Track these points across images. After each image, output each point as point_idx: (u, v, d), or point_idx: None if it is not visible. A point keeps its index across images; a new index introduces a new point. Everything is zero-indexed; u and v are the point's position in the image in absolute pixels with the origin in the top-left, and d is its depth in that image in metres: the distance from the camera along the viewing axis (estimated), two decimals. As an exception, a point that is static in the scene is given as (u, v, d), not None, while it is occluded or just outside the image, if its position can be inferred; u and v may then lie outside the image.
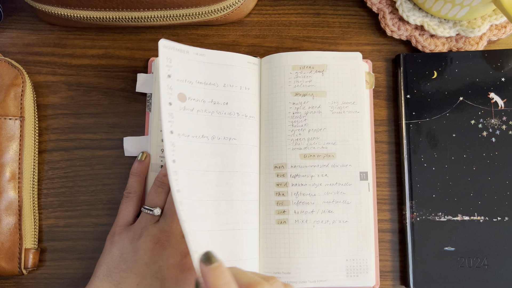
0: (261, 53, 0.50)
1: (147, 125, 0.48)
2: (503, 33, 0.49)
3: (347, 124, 0.47)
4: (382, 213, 0.47)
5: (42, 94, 0.49)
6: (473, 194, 0.46)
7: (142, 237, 0.42)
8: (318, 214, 0.45)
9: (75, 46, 0.50)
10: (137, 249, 0.41)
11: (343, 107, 0.47)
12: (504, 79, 0.47)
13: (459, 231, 0.45)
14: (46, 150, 0.49)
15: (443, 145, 0.47)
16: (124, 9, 0.45)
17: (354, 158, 0.46)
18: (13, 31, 0.50)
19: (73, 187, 0.48)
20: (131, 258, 0.41)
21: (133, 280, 0.40)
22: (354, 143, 0.46)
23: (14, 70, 0.46)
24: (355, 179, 0.46)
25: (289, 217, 0.45)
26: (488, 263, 0.45)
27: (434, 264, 0.45)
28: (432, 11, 0.48)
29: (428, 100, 0.48)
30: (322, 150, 0.46)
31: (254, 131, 0.47)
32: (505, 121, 0.47)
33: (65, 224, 0.47)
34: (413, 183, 0.46)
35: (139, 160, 0.46)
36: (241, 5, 0.47)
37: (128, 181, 0.46)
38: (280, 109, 0.47)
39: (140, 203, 0.46)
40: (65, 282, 0.47)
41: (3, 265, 0.44)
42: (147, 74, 0.49)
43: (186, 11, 0.45)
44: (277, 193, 0.46)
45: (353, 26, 0.51)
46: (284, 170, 0.46)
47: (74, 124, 0.49)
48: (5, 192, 0.44)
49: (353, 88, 0.47)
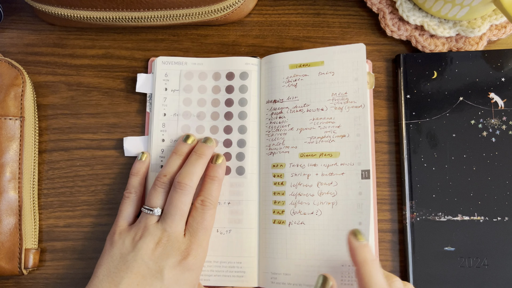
0: (261, 53, 0.50)
1: (147, 125, 0.48)
2: (503, 33, 0.49)
3: (348, 120, 0.45)
4: (382, 213, 0.47)
5: (42, 94, 0.49)
6: (473, 194, 0.46)
7: (142, 237, 0.42)
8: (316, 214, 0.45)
9: (75, 46, 0.50)
10: (137, 249, 0.41)
11: (344, 103, 0.45)
12: (504, 79, 0.47)
13: (459, 231, 0.45)
14: (46, 150, 0.49)
15: (443, 145, 0.47)
16: (124, 9, 0.45)
17: (355, 156, 0.44)
18: (13, 31, 0.50)
19: (73, 187, 0.48)
20: (131, 258, 0.41)
21: (133, 280, 0.40)
22: (355, 139, 0.45)
23: (14, 70, 0.46)
24: (357, 178, 0.44)
25: (287, 217, 0.45)
26: (488, 263, 0.45)
27: (434, 264, 0.45)
28: (432, 11, 0.48)
29: (428, 100, 0.48)
30: (320, 149, 0.46)
31: (253, 133, 0.47)
32: (505, 121, 0.47)
33: (65, 224, 0.47)
34: (413, 183, 0.46)
35: (139, 160, 0.46)
36: (241, 5, 0.47)
37: (128, 181, 0.46)
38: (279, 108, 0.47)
39: (140, 203, 0.46)
40: (65, 282, 0.47)
41: (3, 265, 0.44)
42: (147, 74, 0.49)
43: (186, 11, 0.45)
44: (274, 193, 0.46)
45: (353, 26, 0.51)
46: (282, 170, 0.46)
47: (74, 124, 0.49)
48: (5, 192, 0.44)
49: (355, 82, 0.45)
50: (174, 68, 0.48)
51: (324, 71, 0.46)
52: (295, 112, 0.46)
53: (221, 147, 0.47)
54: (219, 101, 0.47)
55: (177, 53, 0.50)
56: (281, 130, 0.46)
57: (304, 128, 0.46)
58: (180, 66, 0.48)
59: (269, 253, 0.45)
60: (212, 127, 0.47)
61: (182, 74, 0.48)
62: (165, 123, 0.47)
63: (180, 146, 0.45)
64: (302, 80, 0.46)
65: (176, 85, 0.48)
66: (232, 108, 0.47)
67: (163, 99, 0.47)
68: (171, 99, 0.47)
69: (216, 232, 0.45)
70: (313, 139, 0.46)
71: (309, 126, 0.46)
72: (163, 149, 0.47)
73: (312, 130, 0.46)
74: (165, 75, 0.48)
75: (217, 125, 0.47)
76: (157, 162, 0.47)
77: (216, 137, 0.47)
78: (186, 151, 0.45)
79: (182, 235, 0.42)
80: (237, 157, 0.46)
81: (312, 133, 0.46)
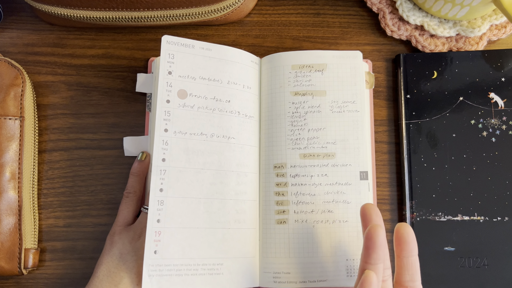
0: (261, 53, 0.50)
1: (147, 125, 0.48)
2: (503, 33, 0.49)
3: (347, 124, 0.46)
4: (382, 213, 0.47)
5: (42, 94, 0.49)
6: (473, 194, 0.46)
7: (142, 237, 0.42)
8: (318, 214, 0.45)
9: (75, 46, 0.50)
10: (137, 249, 0.41)
11: (343, 106, 0.46)
12: (504, 79, 0.47)
13: (459, 231, 0.45)
14: (46, 150, 0.49)
15: (443, 145, 0.47)
16: (124, 9, 0.45)
17: (354, 158, 0.46)
18: (13, 31, 0.50)
19: (73, 187, 0.48)
20: (131, 258, 0.41)
21: (133, 280, 0.40)
22: (354, 142, 0.46)
23: (14, 70, 0.46)
24: (355, 179, 0.46)
25: (289, 217, 0.45)
26: (488, 263, 0.45)
27: (434, 264, 0.45)
28: (432, 11, 0.48)
29: (428, 100, 0.48)
30: (322, 150, 0.46)
31: (253, 131, 0.47)
32: (505, 121, 0.47)
33: (65, 224, 0.47)
34: (413, 183, 0.46)
35: (139, 160, 0.46)
36: (241, 5, 0.47)
37: (128, 181, 0.46)
38: (280, 109, 0.47)
39: (140, 203, 0.46)
40: (65, 282, 0.47)
41: (3, 265, 0.44)
42: (147, 74, 0.49)
43: (186, 11, 0.45)
44: (276, 193, 0.46)
45: (353, 26, 0.51)
46: (284, 170, 0.46)
47: (74, 124, 0.49)
48: (5, 192, 0.44)
49: (353, 87, 0.47)
50: (179, 50, 0.44)
51: (325, 74, 0.47)
52: (296, 113, 0.46)
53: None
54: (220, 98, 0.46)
55: (177, 53, 0.50)
56: (283, 130, 0.46)
57: (305, 129, 0.46)
58: (187, 48, 0.45)
59: (271, 252, 0.45)
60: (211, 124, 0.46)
61: (187, 59, 0.45)
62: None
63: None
64: (304, 82, 0.47)
65: (182, 71, 0.44)
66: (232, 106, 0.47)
67: (164, 100, 0.44)
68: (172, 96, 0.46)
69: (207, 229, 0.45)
70: (314, 140, 0.46)
71: (310, 127, 0.46)
72: (152, 147, 0.46)
73: (313, 132, 0.46)
74: (171, 57, 0.44)
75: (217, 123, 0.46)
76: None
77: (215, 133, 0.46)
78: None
79: (182, 235, 0.42)
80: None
81: (313, 134, 0.46)
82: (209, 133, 0.44)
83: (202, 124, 0.45)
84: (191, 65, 0.45)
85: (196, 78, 0.45)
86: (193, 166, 0.44)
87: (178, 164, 0.43)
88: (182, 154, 0.43)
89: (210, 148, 0.44)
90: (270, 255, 0.45)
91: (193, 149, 0.44)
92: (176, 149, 0.43)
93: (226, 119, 0.45)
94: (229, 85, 0.46)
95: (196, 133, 0.44)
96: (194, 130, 0.44)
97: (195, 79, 0.45)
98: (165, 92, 0.44)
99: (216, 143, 0.45)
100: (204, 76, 0.45)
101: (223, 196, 0.45)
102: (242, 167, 0.45)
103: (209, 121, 0.45)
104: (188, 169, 0.43)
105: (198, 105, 0.45)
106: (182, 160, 0.43)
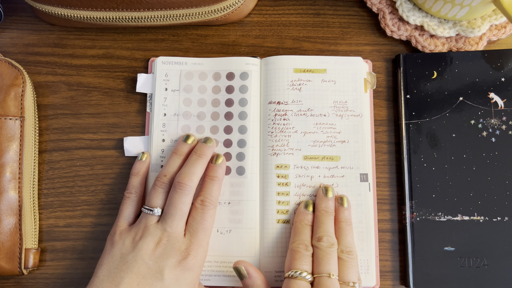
0: (261, 53, 0.50)
1: (147, 125, 0.48)
2: (503, 33, 0.49)
3: (347, 127, 0.47)
4: (382, 213, 0.48)
5: (42, 94, 0.49)
6: (473, 194, 0.46)
7: (143, 238, 0.42)
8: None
9: (75, 46, 0.50)
10: (137, 250, 0.41)
11: (344, 111, 0.47)
12: (504, 79, 0.47)
13: (459, 231, 0.46)
14: (46, 150, 0.49)
15: (443, 145, 0.47)
16: (124, 9, 0.45)
17: (354, 160, 0.46)
18: (13, 31, 0.50)
19: (73, 187, 0.48)
20: (132, 259, 0.41)
21: (134, 280, 0.40)
22: (354, 145, 0.46)
23: (14, 70, 0.46)
24: (356, 181, 0.46)
25: (290, 216, 0.45)
26: (488, 263, 0.45)
27: (434, 264, 0.45)
28: (432, 11, 0.48)
29: (428, 100, 0.48)
30: (323, 152, 0.46)
31: (254, 133, 0.47)
32: (505, 121, 0.47)
33: (65, 224, 0.47)
34: (413, 183, 0.47)
35: (139, 160, 0.46)
36: (241, 5, 0.47)
37: (129, 181, 0.46)
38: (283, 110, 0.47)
39: (141, 203, 0.46)
40: (65, 282, 0.47)
41: (3, 265, 0.44)
42: (147, 74, 0.49)
43: (186, 11, 0.45)
44: (278, 193, 0.46)
45: (353, 26, 0.51)
46: (287, 171, 0.46)
47: (74, 124, 0.49)
48: (5, 192, 0.44)
49: (354, 92, 0.47)
50: (174, 68, 0.48)
51: (326, 79, 0.47)
52: (300, 115, 0.47)
53: (221, 147, 0.47)
54: (219, 101, 0.47)
55: (177, 53, 0.50)
56: (286, 132, 0.47)
57: (307, 132, 0.47)
58: (180, 66, 0.48)
59: (272, 252, 0.45)
60: (212, 127, 0.47)
61: (182, 74, 0.48)
62: (165, 123, 0.47)
63: (180, 146, 0.45)
64: (306, 85, 0.47)
65: (176, 85, 0.48)
66: (232, 108, 0.47)
67: (163, 99, 0.47)
68: (171, 99, 0.47)
69: (216, 232, 0.45)
70: (316, 143, 0.47)
71: (313, 130, 0.47)
72: (163, 149, 0.47)
73: (315, 134, 0.47)
74: (165, 75, 0.48)
75: (217, 125, 0.47)
76: (157, 162, 0.47)
77: (216, 137, 0.47)
78: (186, 151, 0.45)
79: (182, 235, 0.42)
80: (237, 157, 0.46)
81: (315, 137, 0.47)
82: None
83: (206, 133, 0.47)
84: (186, 80, 0.48)
85: (194, 89, 0.48)
86: None
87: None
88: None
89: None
90: (272, 254, 0.45)
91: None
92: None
93: (227, 126, 0.47)
94: (226, 92, 0.48)
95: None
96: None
97: (192, 91, 0.48)
98: (162, 106, 0.47)
99: (218, 148, 0.47)
100: (201, 87, 0.48)
101: (224, 196, 0.45)
102: (242, 169, 0.46)
103: (210, 128, 0.47)
104: None
105: (198, 114, 0.47)
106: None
